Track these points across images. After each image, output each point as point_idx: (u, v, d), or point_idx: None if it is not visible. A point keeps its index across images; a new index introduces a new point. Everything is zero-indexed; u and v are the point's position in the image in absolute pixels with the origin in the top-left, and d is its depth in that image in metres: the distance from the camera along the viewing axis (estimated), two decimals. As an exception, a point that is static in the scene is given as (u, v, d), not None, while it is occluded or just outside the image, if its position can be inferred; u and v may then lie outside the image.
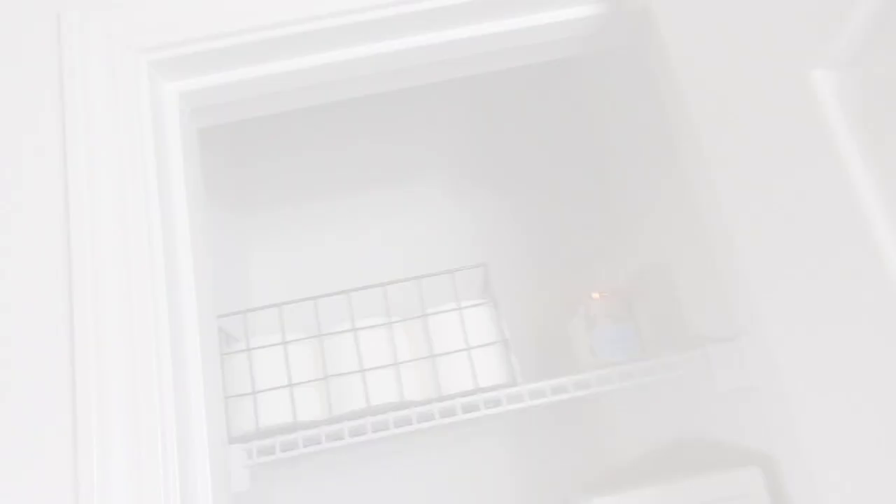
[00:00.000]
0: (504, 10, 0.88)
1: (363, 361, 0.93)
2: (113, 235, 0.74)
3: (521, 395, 0.93)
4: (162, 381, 0.70)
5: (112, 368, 0.69)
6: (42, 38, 0.83)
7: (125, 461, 0.66)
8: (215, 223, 1.23)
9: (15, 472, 0.67)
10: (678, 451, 1.18)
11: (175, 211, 0.82)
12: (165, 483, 0.66)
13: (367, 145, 1.41)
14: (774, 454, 0.83)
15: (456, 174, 1.39)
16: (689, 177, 0.82)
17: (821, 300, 0.56)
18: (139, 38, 0.83)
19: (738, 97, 0.64)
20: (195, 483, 0.71)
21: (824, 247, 0.54)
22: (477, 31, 0.89)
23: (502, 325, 0.97)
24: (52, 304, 0.72)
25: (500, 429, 1.21)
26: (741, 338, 0.81)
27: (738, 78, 0.63)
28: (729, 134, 0.67)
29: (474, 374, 0.93)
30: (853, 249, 0.50)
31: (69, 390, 0.69)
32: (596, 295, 1.03)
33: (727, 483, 0.84)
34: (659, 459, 1.19)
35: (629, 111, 1.18)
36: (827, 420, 0.59)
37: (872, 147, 0.48)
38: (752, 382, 0.79)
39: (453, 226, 1.35)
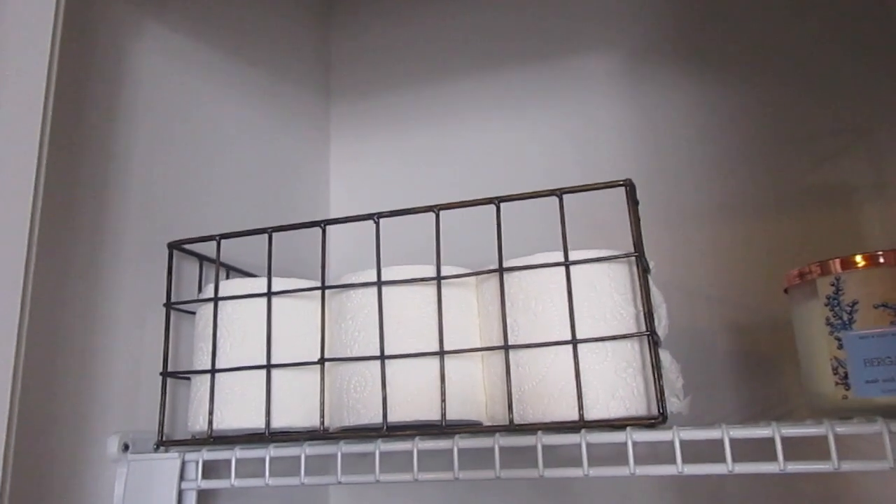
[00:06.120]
0: None
1: (394, 337, 0.53)
2: None
3: (672, 443, 0.47)
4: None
5: None
6: None
7: None
8: (291, 109, 0.91)
9: None
10: None
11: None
12: None
13: (511, 9, 0.96)
14: None
15: (634, 47, 0.89)
16: None
17: None
18: None
19: None
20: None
21: None
22: None
23: (654, 305, 0.50)
24: None
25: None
26: None
27: None
28: None
29: (583, 389, 0.48)
30: None
31: None
32: (859, 260, 0.52)
33: None
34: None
35: None
36: None
37: None
38: None
39: (619, 127, 0.87)
